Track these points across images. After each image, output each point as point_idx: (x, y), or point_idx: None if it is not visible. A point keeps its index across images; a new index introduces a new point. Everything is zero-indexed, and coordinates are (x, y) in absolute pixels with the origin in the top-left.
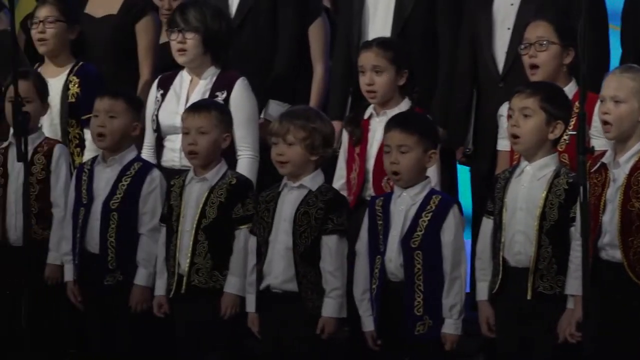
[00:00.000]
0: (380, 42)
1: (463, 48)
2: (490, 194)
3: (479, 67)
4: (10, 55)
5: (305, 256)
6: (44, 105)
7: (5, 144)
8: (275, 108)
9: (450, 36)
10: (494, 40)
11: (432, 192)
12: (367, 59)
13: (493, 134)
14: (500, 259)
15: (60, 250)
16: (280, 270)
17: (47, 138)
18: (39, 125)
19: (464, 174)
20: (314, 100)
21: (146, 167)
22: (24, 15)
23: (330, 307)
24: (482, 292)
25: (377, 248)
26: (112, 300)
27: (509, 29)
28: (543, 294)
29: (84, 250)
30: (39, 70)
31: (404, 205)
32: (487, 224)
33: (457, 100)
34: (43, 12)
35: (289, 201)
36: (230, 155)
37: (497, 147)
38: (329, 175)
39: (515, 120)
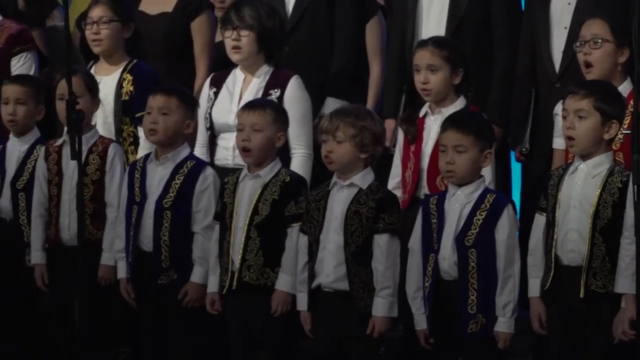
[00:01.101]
0: (435, 41)
1: (522, 48)
2: (543, 191)
3: (537, 67)
4: (64, 53)
5: (357, 255)
6: (95, 101)
7: (59, 142)
8: (333, 106)
9: (504, 35)
10: (551, 40)
11: (487, 190)
12: (422, 57)
13: (550, 133)
14: (553, 256)
15: (113, 250)
16: (331, 269)
17: (101, 137)
18: (93, 123)
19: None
20: (370, 99)
21: (199, 165)
22: (78, 12)
23: (380, 307)
24: (534, 289)
25: (430, 246)
26: (166, 298)
27: (565, 28)
28: (596, 293)
29: (138, 249)
30: (93, 67)
31: (459, 203)
32: (539, 220)
33: (517, 100)
34: (96, 12)
35: (339, 199)
36: (284, 154)
37: (552, 145)
38: (384, 173)
39: (570, 122)
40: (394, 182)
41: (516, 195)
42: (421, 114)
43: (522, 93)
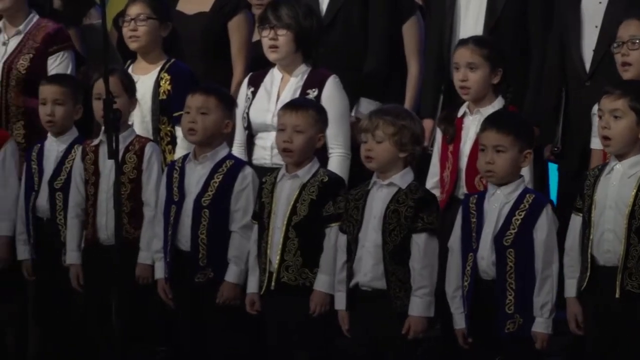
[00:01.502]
0: (475, 40)
1: (552, 46)
2: (579, 191)
3: (567, 65)
4: (102, 52)
5: (395, 254)
6: (132, 101)
7: (96, 141)
8: (366, 106)
9: (541, 34)
10: (582, 39)
11: (526, 190)
12: (462, 55)
13: (581, 131)
14: (589, 256)
15: (150, 249)
16: (369, 267)
17: (138, 136)
18: (130, 122)
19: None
20: (408, 98)
21: (238, 164)
22: (116, 12)
23: (416, 306)
24: (571, 289)
25: (469, 245)
26: (203, 297)
27: (596, 27)
28: (632, 293)
29: (175, 248)
30: (130, 67)
31: (498, 203)
32: (576, 220)
33: (546, 99)
34: (134, 9)
35: (378, 198)
36: (321, 153)
37: (590, 145)
38: (423, 173)
39: (605, 122)
40: (432, 181)
41: (552, 196)
42: (459, 114)
43: (552, 92)
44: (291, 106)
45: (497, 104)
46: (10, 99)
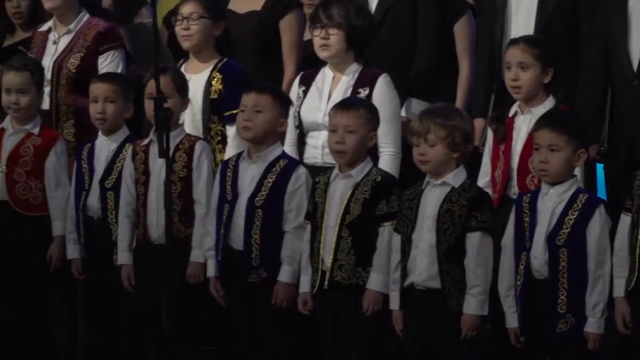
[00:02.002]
0: (527, 39)
1: (597, 45)
2: (628, 191)
3: (613, 65)
4: (153, 51)
5: (449, 253)
6: (184, 101)
7: (146, 141)
8: (416, 106)
9: (591, 34)
10: (629, 37)
11: (579, 190)
12: (513, 55)
13: (627, 131)
14: (637, 256)
15: (202, 247)
16: (423, 267)
17: (188, 135)
18: (180, 122)
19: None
20: (459, 98)
21: (292, 164)
22: (166, 11)
23: (471, 305)
24: (619, 289)
25: (523, 245)
26: (255, 297)
27: None
28: None
29: (228, 247)
30: (183, 66)
31: (551, 202)
32: (625, 220)
33: (591, 98)
34: (187, 8)
35: (432, 198)
36: (371, 152)
37: None
38: (474, 172)
39: None
40: (483, 181)
41: (600, 195)
42: (511, 114)
43: (597, 91)
44: (342, 106)
45: (548, 104)
46: (60, 98)
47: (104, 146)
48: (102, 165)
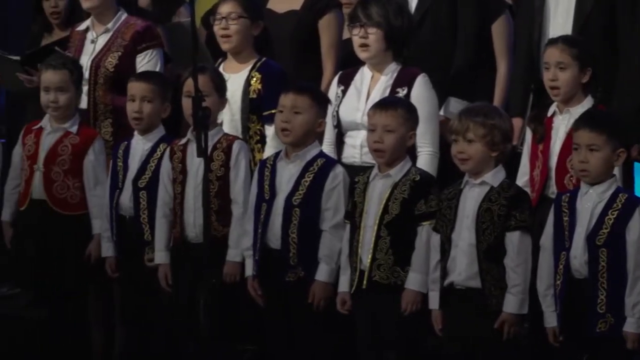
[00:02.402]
0: (565, 39)
1: (636, 44)
2: None
3: None
4: (191, 50)
5: (489, 253)
6: (222, 101)
7: (183, 140)
8: (455, 105)
9: (630, 34)
10: None
11: (619, 190)
12: (551, 55)
13: None
14: None
15: (240, 246)
16: (463, 266)
17: (225, 134)
18: (219, 121)
19: None
20: (497, 97)
21: (329, 163)
22: (204, 10)
23: (511, 303)
24: None
25: (562, 244)
26: (292, 296)
27: None
28: None
29: (265, 246)
30: (221, 65)
31: (591, 202)
32: None
33: (631, 97)
34: (226, 8)
35: (471, 198)
36: (411, 152)
37: None
38: (513, 171)
39: None
40: (522, 181)
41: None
42: (549, 113)
43: (637, 90)
44: (380, 106)
45: (587, 104)
46: (98, 97)
47: (138, 145)
48: (136, 165)
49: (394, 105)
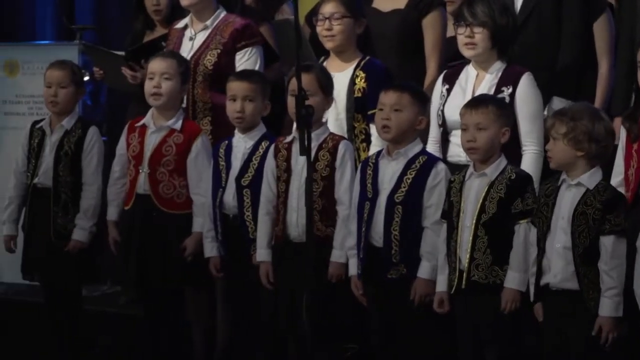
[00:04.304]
0: None
1: None
2: None
3: None
4: (295, 49)
5: (585, 256)
6: (328, 100)
7: (289, 138)
8: (558, 104)
9: None
10: None
11: None
12: None
13: None
14: None
15: (344, 247)
16: (558, 268)
17: (332, 134)
18: (324, 120)
19: None
20: (599, 97)
21: (431, 160)
22: (307, 8)
23: (606, 307)
24: None
25: None
26: (395, 294)
27: None
28: None
29: (369, 244)
30: (324, 64)
31: None
32: None
33: None
34: (328, 8)
35: (567, 198)
36: (514, 150)
37: None
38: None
39: None
40: (616, 180)
41: None
42: None
43: None
44: (471, 104)
45: None
46: (197, 95)
47: (240, 144)
48: (239, 163)
49: (484, 103)
